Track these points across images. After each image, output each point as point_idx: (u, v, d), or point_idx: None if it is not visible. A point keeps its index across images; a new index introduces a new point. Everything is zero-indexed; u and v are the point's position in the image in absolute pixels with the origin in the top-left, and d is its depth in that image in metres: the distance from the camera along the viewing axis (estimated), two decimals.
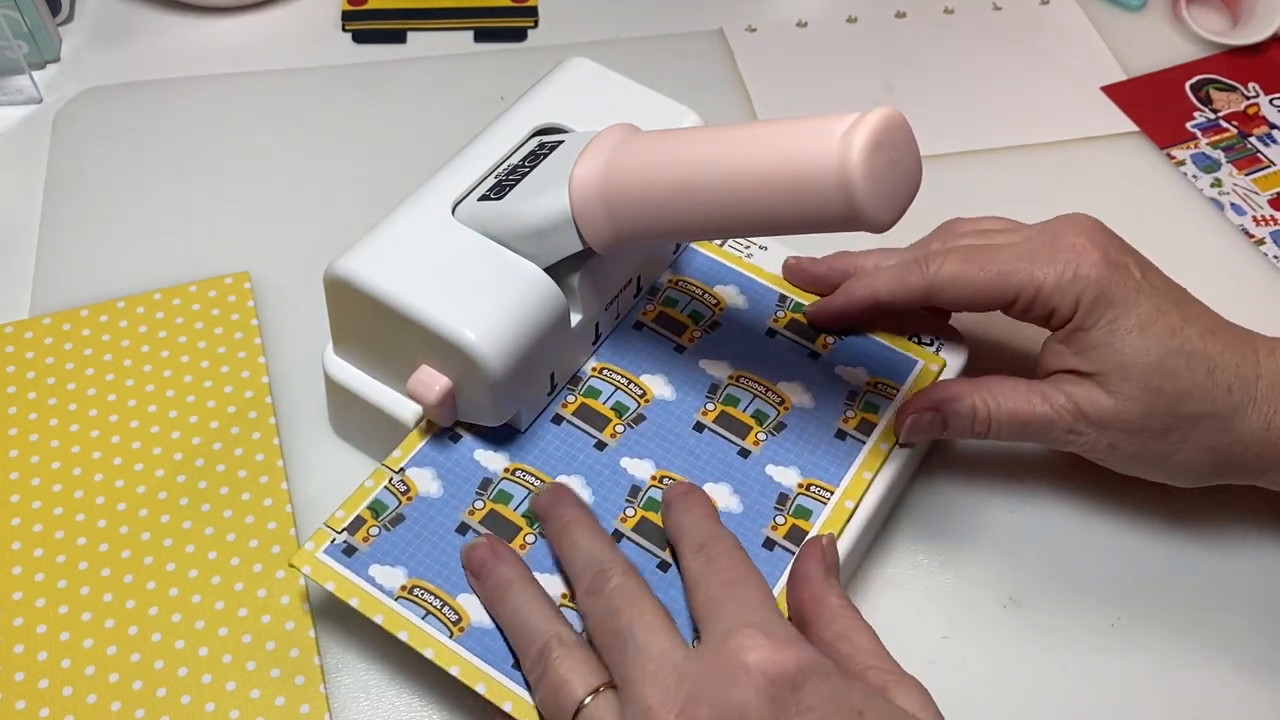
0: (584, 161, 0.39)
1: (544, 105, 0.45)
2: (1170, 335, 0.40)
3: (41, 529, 0.43)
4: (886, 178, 0.34)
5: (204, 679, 0.40)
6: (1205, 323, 0.41)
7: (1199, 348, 0.40)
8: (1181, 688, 0.42)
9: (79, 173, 0.56)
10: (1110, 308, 0.40)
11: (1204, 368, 0.40)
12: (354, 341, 0.43)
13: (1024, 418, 0.42)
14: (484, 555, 0.38)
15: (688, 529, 0.38)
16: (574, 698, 0.33)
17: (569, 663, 0.34)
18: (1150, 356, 0.40)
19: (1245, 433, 0.40)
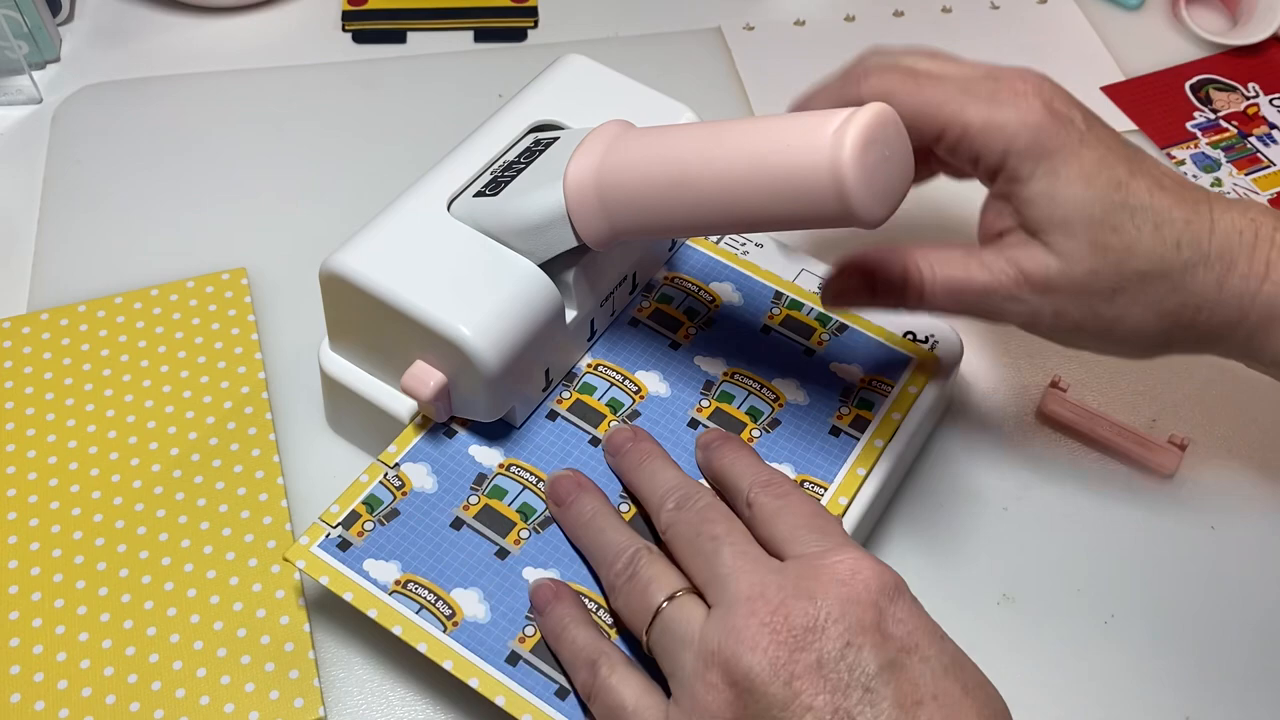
0: (579, 158, 0.39)
1: (540, 102, 0.45)
2: (1115, 188, 0.37)
3: (38, 523, 0.43)
4: (878, 174, 0.34)
5: (199, 673, 0.40)
6: (1154, 177, 0.38)
7: (1146, 202, 0.37)
8: (1175, 684, 0.42)
9: (77, 168, 0.56)
10: (1049, 158, 0.37)
11: (1150, 223, 0.37)
12: (350, 337, 0.43)
13: (961, 285, 0.38)
14: (569, 486, 0.39)
15: (745, 469, 0.38)
16: (659, 596, 0.34)
17: (656, 568, 0.35)
18: (1094, 209, 0.37)
19: (1197, 293, 0.37)
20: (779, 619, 0.31)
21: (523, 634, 0.37)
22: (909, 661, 0.31)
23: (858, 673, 0.31)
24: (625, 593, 0.35)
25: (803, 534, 0.34)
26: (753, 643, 0.31)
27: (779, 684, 0.31)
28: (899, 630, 0.32)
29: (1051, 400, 0.49)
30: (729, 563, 0.34)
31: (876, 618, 0.31)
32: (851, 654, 0.31)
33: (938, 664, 0.31)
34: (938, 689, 0.31)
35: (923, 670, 0.31)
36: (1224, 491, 0.47)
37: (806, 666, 0.31)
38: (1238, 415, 0.49)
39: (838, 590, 0.32)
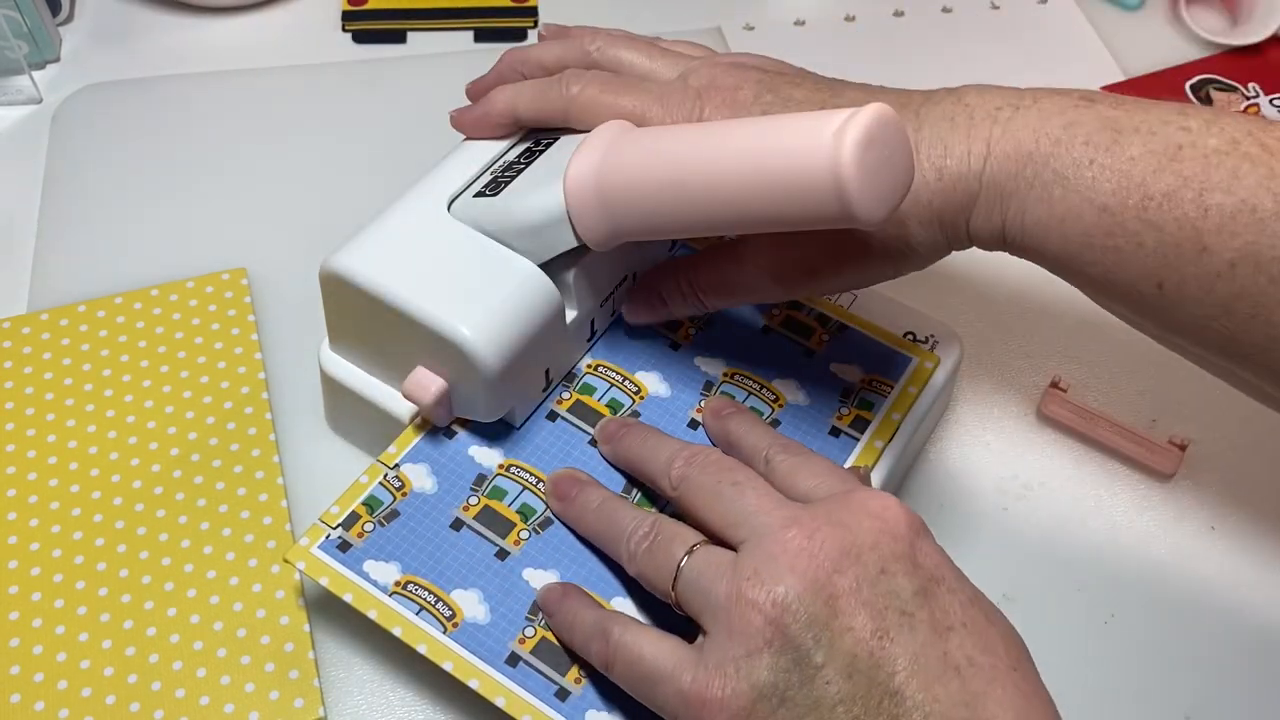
0: (579, 158, 0.39)
1: None
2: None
3: (38, 523, 0.43)
4: (878, 174, 0.34)
5: (199, 673, 0.40)
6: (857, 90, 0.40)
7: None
8: (1175, 684, 0.42)
9: (77, 168, 0.56)
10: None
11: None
12: (350, 337, 0.43)
13: (720, 284, 0.42)
14: (571, 482, 0.40)
15: (762, 434, 0.39)
16: (680, 550, 0.34)
17: (675, 528, 0.35)
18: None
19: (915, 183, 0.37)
20: (815, 544, 0.32)
21: (523, 635, 0.37)
22: (938, 591, 0.32)
23: (893, 597, 0.31)
24: (647, 555, 0.35)
25: (826, 480, 0.35)
26: (791, 564, 0.32)
27: (820, 603, 0.31)
28: (927, 561, 0.32)
29: (1051, 400, 0.49)
30: (754, 501, 0.34)
31: (908, 549, 0.32)
32: (886, 579, 0.32)
33: (964, 595, 0.32)
34: (965, 617, 0.32)
35: (950, 600, 0.32)
36: (1224, 491, 0.47)
37: (845, 588, 0.31)
38: (1238, 415, 0.49)
39: (870, 521, 0.33)
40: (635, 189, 0.38)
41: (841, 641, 0.31)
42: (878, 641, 0.31)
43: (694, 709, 0.32)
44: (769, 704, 0.31)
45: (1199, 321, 0.35)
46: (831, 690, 0.30)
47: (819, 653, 0.31)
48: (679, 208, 0.37)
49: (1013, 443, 0.48)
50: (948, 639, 0.31)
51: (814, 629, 0.31)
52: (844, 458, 0.42)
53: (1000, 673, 0.31)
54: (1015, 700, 0.31)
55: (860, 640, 0.31)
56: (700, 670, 0.32)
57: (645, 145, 0.38)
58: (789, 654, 0.31)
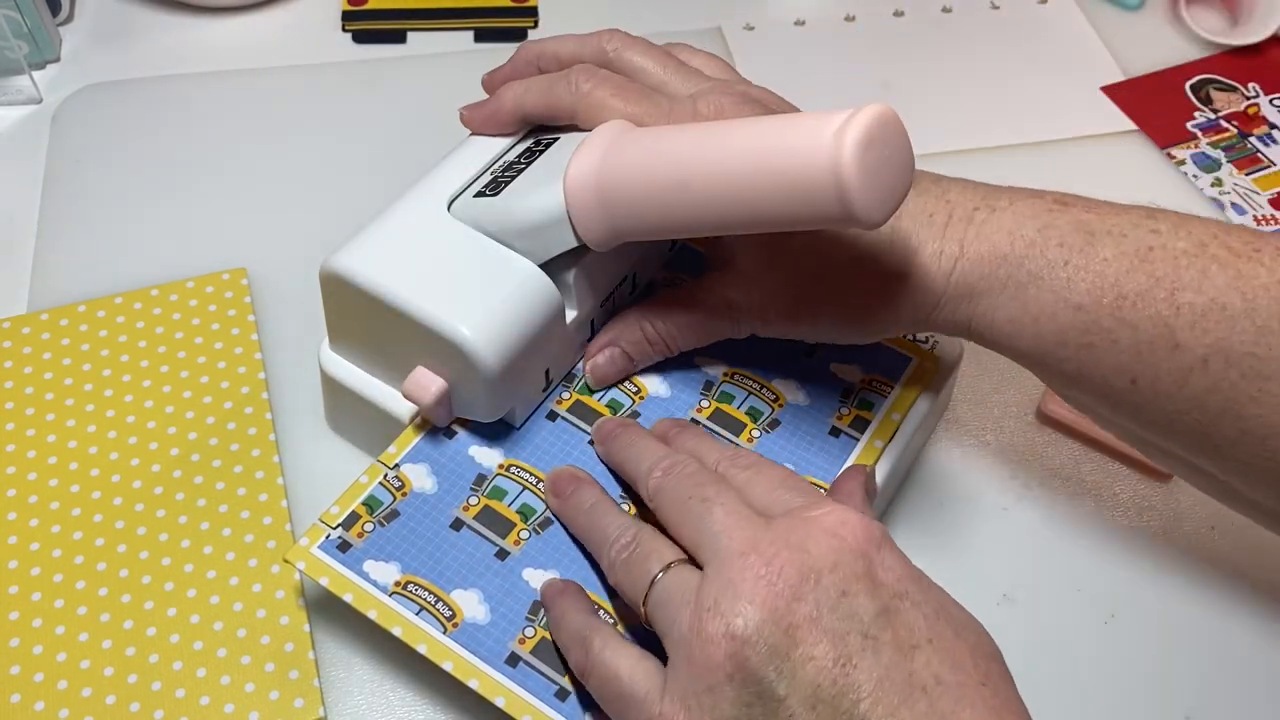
0: (579, 158, 0.39)
1: None
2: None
3: (38, 523, 0.43)
4: (879, 175, 0.34)
5: (199, 673, 0.40)
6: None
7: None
8: (1175, 684, 0.42)
9: (77, 168, 0.56)
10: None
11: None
12: (350, 337, 0.43)
13: (689, 323, 0.42)
14: (568, 479, 0.40)
15: (710, 447, 0.39)
16: (655, 567, 0.34)
17: (655, 542, 0.35)
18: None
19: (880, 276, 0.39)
20: (773, 570, 0.31)
21: (522, 635, 0.37)
22: (902, 607, 0.31)
23: (855, 620, 0.31)
24: (624, 566, 0.35)
25: (780, 494, 0.35)
26: (750, 595, 0.31)
27: (780, 633, 0.31)
28: (889, 577, 0.32)
29: (1051, 401, 0.49)
30: (720, 520, 0.34)
31: (867, 566, 0.32)
32: (847, 602, 0.31)
33: (928, 608, 0.32)
34: (931, 632, 0.31)
35: (915, 615, 0.31)
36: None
37: (805, 616, 0.31)
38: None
39: (828, 541, 0.32)
40: (635, 189, 0.38)
41: (804, 671, 0.30)
42: (840, 669, 0.30)
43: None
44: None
45: (1171, 416, 0.36)
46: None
47: (781, 684, 0.30)
48: (679, 208, 0.37)
49: (1013, 443, 0.48)
50: (913, 658, 0.31)
51: (775, 660, 0.30)
52: (844, 458, 0.42)
53: (969, 689, 0.30)
54: (985, 716, 0.30)
55: (822, 669, 0.30)
56: (666, 703, 0.32)
57: (646, 145, 0.38)
58: (751, 687, 0.30)
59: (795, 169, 0.34)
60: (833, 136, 0.33)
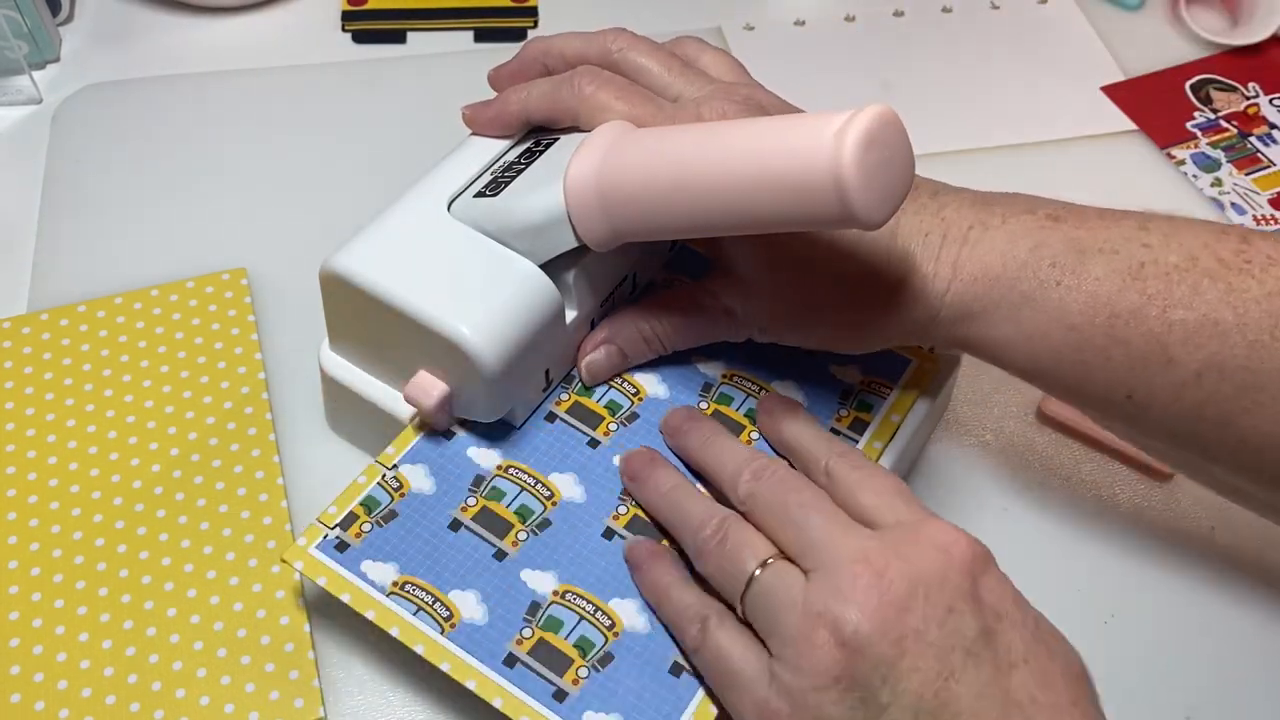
0: (579, 158, 0.39)
1: None
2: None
3: (38, 523, 0.43)
4: (879, 175, 0.34)
5: (199, 673, 0.40)
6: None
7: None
8: (1175, 684, 0.42)
9: (77, 168, 0.56)
10: None
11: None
12: (350, 338, 0.43)
13: (685, 325, 0.43)
14: (644, 462, 0.40)
15: (817, 439, 0.39)
16: (752, 562, 0.35)
17: (746, 533, 0.36)
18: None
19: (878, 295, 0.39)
20: (885, 582, 0.32)
21: (520, 636, 0.37)
22: (1001, 628, 0.32)
23: (959, 636, 0.32)
24: (716, 556, 0.36)
25: (891, 501, 0.35)
26: (861, 604, 0.32)
27: (887, 643, 0.31)
28: (991, 597, 0.33)
29: (1052, 401, 0.49)
30: (823, 529, 0.34)
31: (973, 585, 0.33)
32: (953, 619, 0.32)
33: (1026, 630, 0.33)
34: (1028, 653, 0.32)
35: (1014, 636, 0.32)
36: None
37: (912, 629, 0.32)
38: None
39: (937, 557, 0.33)
40: (636, 189, 0.38)
41: (908, 682, 0.31)
42: (943, 683, 0.31)
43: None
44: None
45: (1169, 426, 0.37)
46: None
47: (885, 692, 0.31)
48: (679, 208, 0.37)
49: (1013, 443, 0.48)
50: (1010, 677, 0.32)
51: (881, 669, 0.31)
52: None
53: (1061, 710, 0.32)
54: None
55: (926, 681, 0.31)
56: (773, 694, 0.33)
57: (646, 145, 0.38)
58: (856, 692, 0.31)
59: (795, 169, 0.34)
60: (833, 137, 0.33)
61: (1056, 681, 0.32)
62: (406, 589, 0.38)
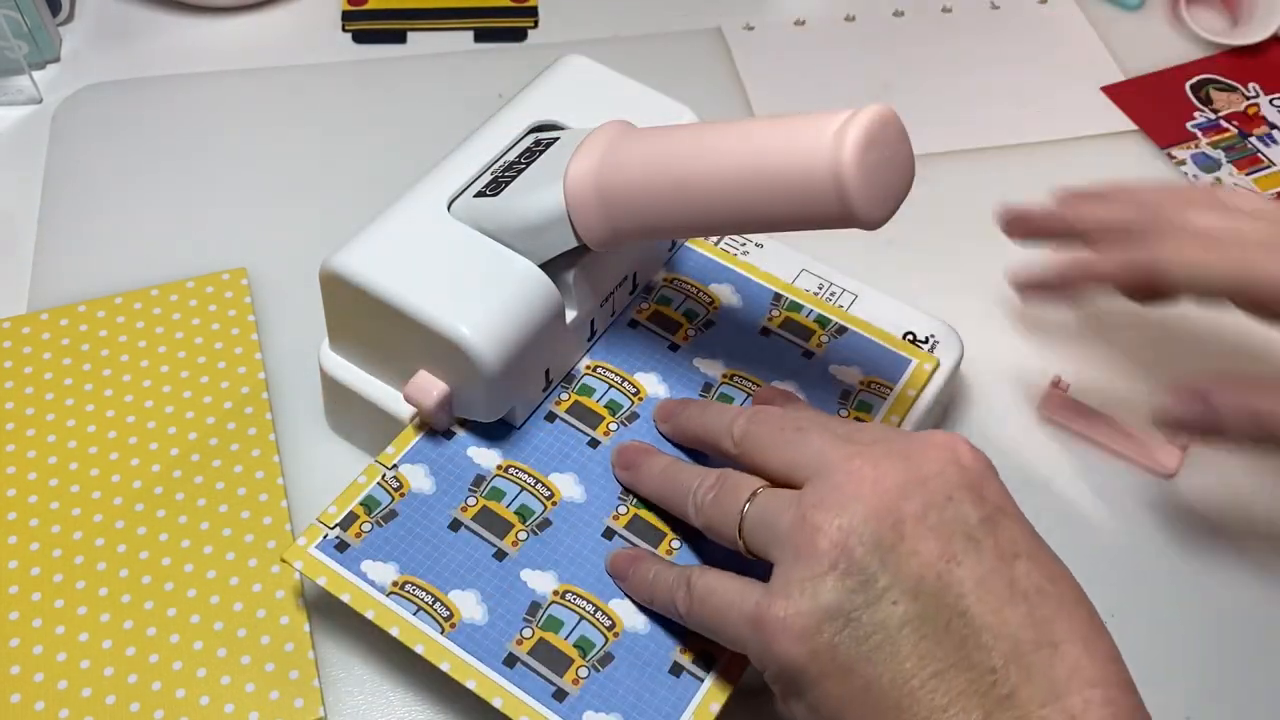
0: (579, 158, 0.39)
1: (540, 102, 0.45)
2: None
3: (38, 523, 0.43)
4: (879, 175, 0.34)
5: (199, 673, 0.40)
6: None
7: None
8: (1175, 684, 0.42)
9: (77, 168, 0.56)
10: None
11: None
12: (350, 337, 0.43)
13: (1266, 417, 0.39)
14: (636, 451, 0.40)
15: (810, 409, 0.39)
16: (745, 494, 0.35)
17: (739, 478, 0.36)
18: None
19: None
20: (880, 472, 0.32)
21: (520, 636, 0.37)
22: (1003, 520, 0.32)
23: (960, 522, 0.31)
24: (713, 504, 0.36)
25: (885, 431, 0.35)
26: (856, 492, 0.32)
27: (886, 527, 0.31)
28: (992, 495, 0.33)
29: (1052, 400, 0.49)
30: (818, 442, 0.34)
31: (973, 480, 0.33)
32: (953, 506, 0.32)
33: (1027, 528, 0.33)
34: (1031, 546, 0.32)
35: (1016, 529, 0.32)
36: (1224, 491, 0.47)
37: (911, 513, 0.31)
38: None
39: (936, 453, 0.33)
40: (635, 189, 0.38)
41: (908, 564, 0.31)
42: (945, 564, 0.31)
43: (759, 629, 0.32)
44: (834, 624, 0.31)
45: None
46: (898, 611, 0.30)
47: (884, 575, 0.31)
48: (679, 208, 0.37)
49: (1013, 443, 0.48)
50: (1014, 566, 0.31)
51: (880, 552, 0.31)
52: None
53: (1067, 602, 0.31)
54: (1082, 629, 0.31)
55: (927, 563, 0.31)
56: (766, 594, 0.32)
57: (645, 145, 0.38)
58: (855, 576, 0.31)
59: (795, 169, 0.34)
60: (833, 137, 0.33)
61: (1060, 576, 0.32)
62: (406, 589, 0.38)
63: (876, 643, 0.30)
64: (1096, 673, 0.30)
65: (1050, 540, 0.45)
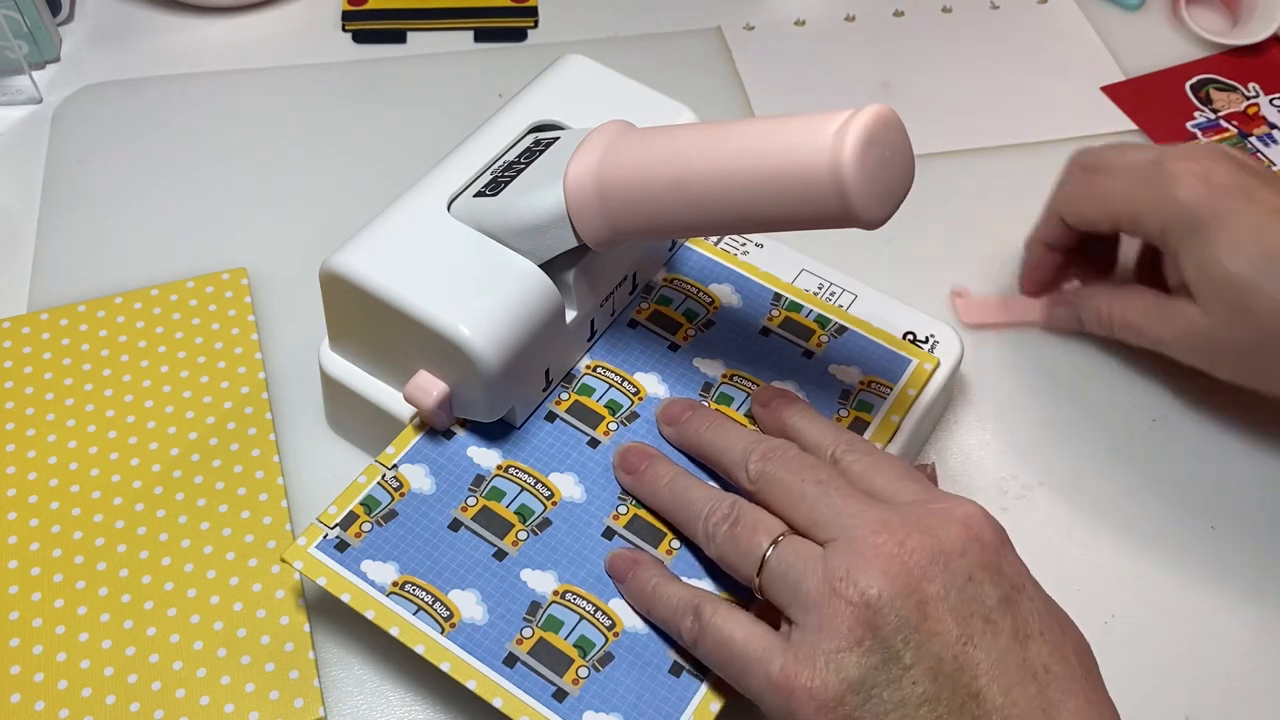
0: (579, 158, 0.39)
1: (540, 102, 0.45)
2: (1261, 254, 0.41)
3: (38, 523, 0.43)
4: (879, 175, 0.34)
5: (199, 673, 0.40)
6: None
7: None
8: (1175, 684, 0.42)
9: (77, 168, 0.56)
10: (1202, 230, 0.42)
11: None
12: (350, 337, 0.43)
13: (1137, 330, 0.47)
14: (640, 455, 0.40)
15: (824, 428, 0.39)
16: (765, 539, 0.35)
17: (758, 514, 0.36)
18: (1238, 274, 0.42)
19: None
20: (906, 549, 0.33)
21: (520, 636, 0.37)
22: (1019, 599, 0.33)
23: (979, 604, 0.32)
24: (728, 539, 0.36)
25: (904, 484, 0.36)
26: (884, 567, 0.32)
27: (910, 607, 0.32)
28: (1010, 571, 0.34)
29: (964, 307, 0.52)
30: (840, 502, 0.35)
31: (993, 558, 0.33)
32: (973, 587, 0.33)
33: (1040, 604, 0.34)
34: (1043, 626, 0.33)
35: (1030, 608, 0.33)
36: (1224, 490, 0.47)
37: (934, 594, 0.32)
38: (1238, 415, 0.49)
39: (958, 529, 0.34)
40: (635, 189, 0.38)
41: (929, 644, 0.32)
42: (962, 646, 0.32)
43: (782, 695, 0.33)
44: (856, 698, 0.32)
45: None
46: (917, 690, 0.31)
47: (907, 654, 0.32)
48: (679, 207, 0.37)
49: (1013, 442, 0.48)
50: (1027, 646, 0.32)
51: (904, 631, 0.32)
52: None
53: (1074, 682, 0.32)
54: (1086, 709, 0.32)
55: (946, 644, 0.32)
56: (790, 659, 0.33)
57: (645, 145, 0.38)
58: (879, 653, 0.32)
59: (796, 169, 0.34)
60: (833, 136, 0.33)
61: (1069, 655, 0.33)
62: (406, 589, 0.38)
63: (895, 719, 0.31)
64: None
65: (1050, 540, 0.46)
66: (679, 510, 0.39)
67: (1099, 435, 0.49)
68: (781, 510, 0.36)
